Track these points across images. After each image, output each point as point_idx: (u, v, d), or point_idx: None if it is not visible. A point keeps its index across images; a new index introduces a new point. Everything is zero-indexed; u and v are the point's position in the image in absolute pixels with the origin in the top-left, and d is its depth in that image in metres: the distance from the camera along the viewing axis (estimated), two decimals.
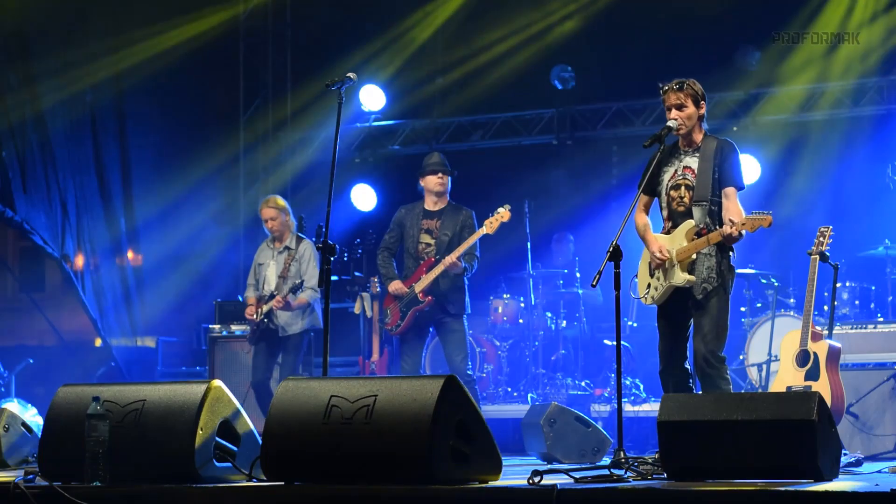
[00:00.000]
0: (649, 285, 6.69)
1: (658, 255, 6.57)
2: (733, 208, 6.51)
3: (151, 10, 12.75)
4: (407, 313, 8.85)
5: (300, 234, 9.73)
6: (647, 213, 6.80)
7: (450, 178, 8.99)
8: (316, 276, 9.47)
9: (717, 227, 6.50)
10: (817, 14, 11.78)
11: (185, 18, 12.98)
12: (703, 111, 6.63)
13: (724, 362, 6.52)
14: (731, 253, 6.58)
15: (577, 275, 11.50)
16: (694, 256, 6.52)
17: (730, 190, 6.55)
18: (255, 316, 9.54)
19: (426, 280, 8.78)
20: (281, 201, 9.69)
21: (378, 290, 10.46)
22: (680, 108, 6.56)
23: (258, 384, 9.46)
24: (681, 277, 6.52)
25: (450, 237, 8.85)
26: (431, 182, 8.92)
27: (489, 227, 8.80)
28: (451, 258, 8.71)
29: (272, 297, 9.48)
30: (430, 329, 8.97)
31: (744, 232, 6.40)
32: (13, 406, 9.57)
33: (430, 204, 8.98)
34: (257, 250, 9.93)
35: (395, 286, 8.90)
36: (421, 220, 8.94)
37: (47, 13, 12.17)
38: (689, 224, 6.56)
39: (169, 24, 12.84)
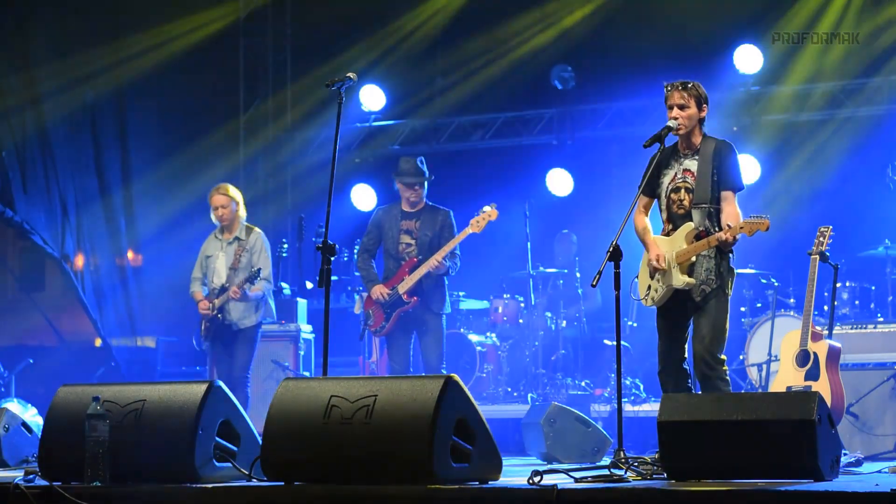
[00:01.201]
0: (649, 287, 6.69)
1: (654, 262, 6.56)
2: (732, 211, 6.50)
3: (152, 10, 12.75)
4: (391, 314, 8.83)
5: (250, 224, 9.41)
6: (646, 215, 6.78)
7: (426, 182, 8.96)
8: (269, 266, 9.29)
9: (717, 228, 6.49)
10: (817, 14, 11.77)
11: (185, 18, 12.98)
12: (704, 114, 6.62)
13: (724, 364, 6.51)
14: (730, 254, 6.56)
15: (578, 275, 11.49)
16: (693, 259, 6.51)
17: (728, 192, 6.55)
18: (210, 311, 9.18)
19: (410, 281, 8.76)
20: (232, 190, 9.30)
21: None
22: (682, 107, 6.55)
23: (226, 383, 9.27)
24: (680, 279, 6.51)
25: (430, 237, 8.83)
26: (407, 192, 8.91)
27: (476, 226, 8.77)
28: (435, 260, 8.69)
29: (224, 289, 9.14)
30: (414, 327, 8.93)
31: (740, 235, 6.40)
32: (13, 406, 9.55)
33: (408, 206, 8.96)
34: (204, 242, 9.50)
35: (379, 291, 8.85)
36: (400, 222, 8.92)
37: (48, 14, 12.17)
38: (688, 226, 6.55)
39: (169, 24, 12.83)
